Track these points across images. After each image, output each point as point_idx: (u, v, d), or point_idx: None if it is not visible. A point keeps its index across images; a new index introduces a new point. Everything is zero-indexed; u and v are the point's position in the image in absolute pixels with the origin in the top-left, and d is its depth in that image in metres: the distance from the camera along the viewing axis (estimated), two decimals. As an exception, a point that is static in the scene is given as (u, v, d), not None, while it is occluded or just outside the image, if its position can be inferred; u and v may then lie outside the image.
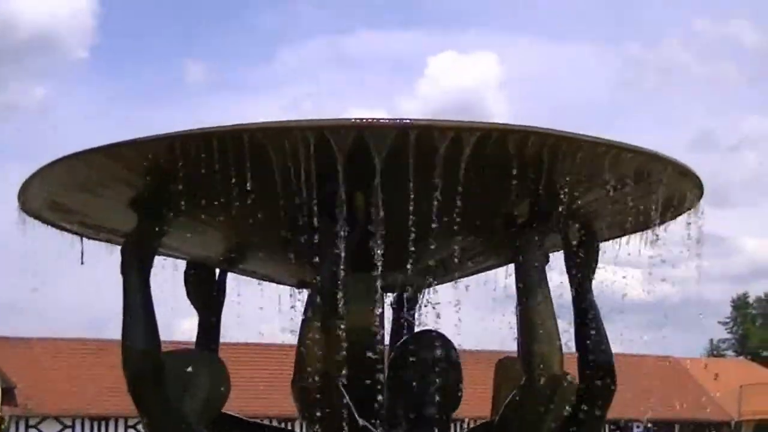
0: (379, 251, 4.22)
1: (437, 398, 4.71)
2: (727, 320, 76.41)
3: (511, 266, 4.84)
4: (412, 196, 4.10)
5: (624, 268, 5.29)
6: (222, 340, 5.68)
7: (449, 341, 4.85)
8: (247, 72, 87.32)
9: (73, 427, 42.02)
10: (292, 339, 4.41)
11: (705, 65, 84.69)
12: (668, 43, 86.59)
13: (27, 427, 40.96)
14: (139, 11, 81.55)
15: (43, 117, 69.08)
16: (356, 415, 4.45)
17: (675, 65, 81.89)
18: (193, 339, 5.62)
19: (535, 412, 4.59)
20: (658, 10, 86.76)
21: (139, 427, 5.29)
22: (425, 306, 5.84)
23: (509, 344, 5.30)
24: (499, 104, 77.16)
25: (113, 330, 4.86)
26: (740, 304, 76.34)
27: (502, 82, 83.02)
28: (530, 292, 4.56)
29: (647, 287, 5.07)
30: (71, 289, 5.14)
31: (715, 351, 73.76)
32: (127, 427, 40.60)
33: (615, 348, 5.13)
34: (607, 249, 5.30)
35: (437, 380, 4.71)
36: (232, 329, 5.79)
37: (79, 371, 39.14)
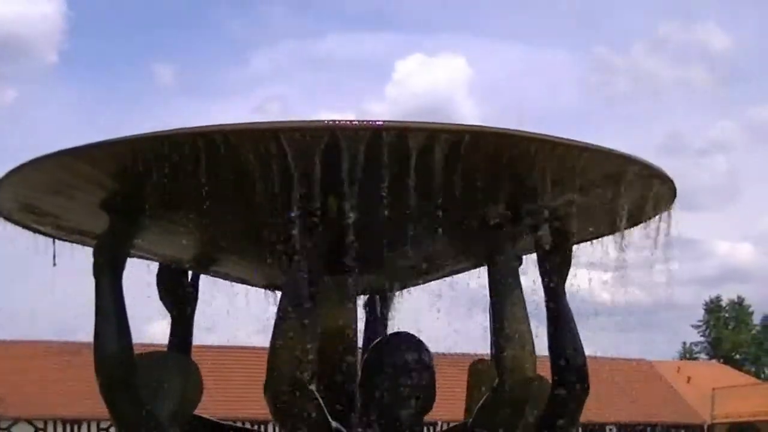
0: (352, 254, 4.21)
1: (410, 401, 4.70)
2: (700, 323, 76.77)
3: (485, 268, 4.84)
4: (385, 199, 4.10)
5: (594, 272, 5.31)
6: (195, 342, 5.66)
7: (422, 343, 4.85)
8: (217, 75, 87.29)
9: (45, 429, 41.80)
10: (265, 342, 4.40)
11: (673, 69, 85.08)
12: (637, 47, 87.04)
13: (-1, 430, 40.71)
14: (109, 15, 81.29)
15: (13, 120, 68.76)
16: (329, 418, 4.44)
17: (643, 69, 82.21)
18: (166, 341, 5.60)
19: (508, 415, 4.59)
20: (626, 14, 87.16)
21: (112, 430, 5.26)
22: (398, 308, 5.85)
23: (482, 347, 5.32)
24: (468, 107, 77.28)
25: (85, 333, 4.83)
26: (713, 307, 76.72)
27: (471, 86, 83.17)
28: (503, 295, 4.56)
29: (618, 290, 5.08)
30: (42, 291, 5.10)
31: (687, 354, 74.12)
32: (99, 429, 40.42)
33: (587, 351, 5.13)
34: (579, 252, 5.31)
35: (410, 383, 4.70)
36: (206, 332, 5.78)
37: (51, 374, 38.92)
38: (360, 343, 5.51)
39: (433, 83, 78.95)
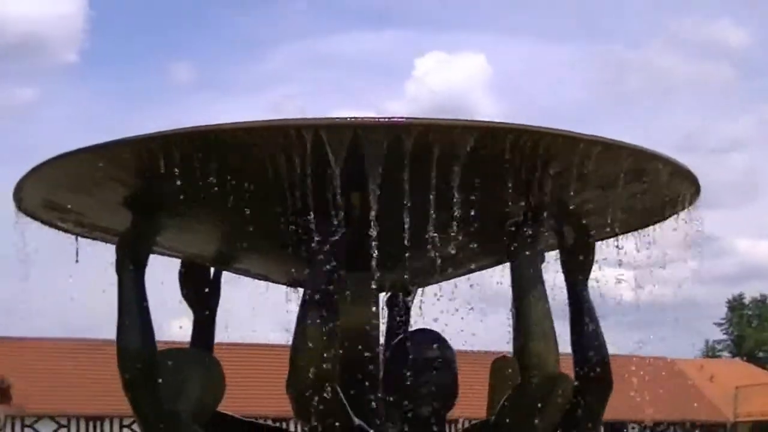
0: (374, 251, 4.21)
1: (432, 397, 4.70)
2: (723, 321, 76.46)
3: (507, 265, 4.83)
4: (407, 196, 4.09)
5: (617, 269, 5.29)
6: (217, 339, 5.67)
7: (444, 340, 4.84)
8: (234, 73, 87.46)
9: (68, 426, 41.99)
10: (288, 338, 4.40)
11: (689, 65, 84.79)
12: (654, 44, 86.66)
13: (23, 426, 40.92)
14: (127, 14, 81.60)
15: (33, 118, 69.16)
16: (351, 415, 4.44)
17: (661, 66, 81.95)
18: (188, 338, 5.61)
19: (531, 412, 4.57)
20: (643, 11, 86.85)
21: (135, 426, 5.28)
22: (421, 306, 5.84)
23: (505, 344, 5.31)
24: (488, 104, 77.20)
25: (109, 329, 4.85)
26: (736, 305, 76.39)
27: (490, 82, 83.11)
28: (526, 291, 4.55)
29: (640, 288, 5.06)
30: (66, 288, 5.11)
31: (710, 352, 73.81)
32: (122, 426, 40.56)
33: (610, 349, 5.11)
34: (602, 249, 5.29)
35: (432, 380, 4.70)
36: (228, 329, 5.78)
37: (74, 371, 39.12)
38: (382, 340, 5.51)
39: (452, 80, 78.91)
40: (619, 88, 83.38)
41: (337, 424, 4.38)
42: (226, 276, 5.70)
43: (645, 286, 5.06)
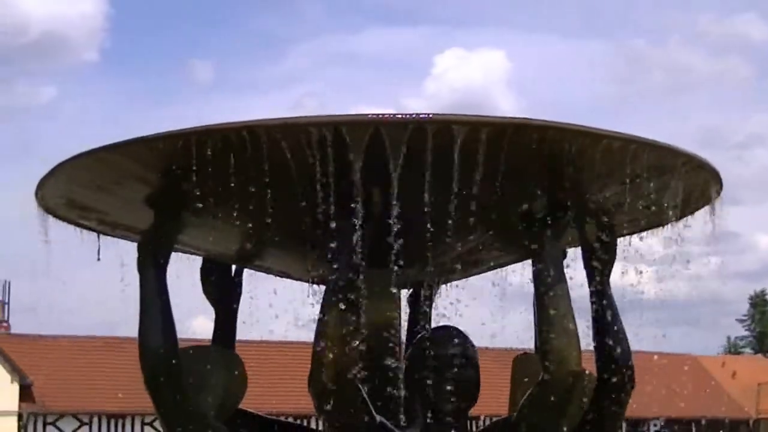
0: (396, 247, 4.20)
1: (454, 394, 4.69)
2: (745, 318, 76.17)
3: (529, 262, 4.82)
4: (428, 192, 4.08)
5: (640, 266, 5.26)
6: (240, 337, 5.67)
7: (466, 337, 4.83)
8: (254, 71, 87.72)
9: (90, 424, 42.14)
10: (310, 336, 4.39)
11: (712, 61, 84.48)
12: (675, 40, 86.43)
13: (45, 424, 41.08)
14: (148, 13, 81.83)
15: (54, 117, 69.49)
16: (373, 412, 4.43)
17: (682, 62, 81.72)
18: (209, 336, 5.61)
19: (553, 408, 4.56)
20: (664, 6, 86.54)
21: (156, 424, 5.29)
22: (443, 302, 5.82)
23: (527, 341, 5.30)
24: (508, 101, 77.12)
25: (131, 327, 4.85)
26: (758, 301, 76.08)
27: (510, 79, 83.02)
28: (548, 288, 4.54)
29: (663, 284, 5.04)
30: (88, 286, 5.13)
31: (732, 348, 73.59)
32: (144, 424, 40.68)
33: (632, 346, 5.09)
34: (624, 246, 5.27)
35: (454, 376, 4.69)
36: (250, 327, 5.78)
37: (96, 368, 39.28)
38: (404, 337, 5.50)
39: (471, 77, 78.86)
40: (640, 84, 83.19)
41: (358, 420, 4.38)
42: (250, 274, 5.70)
43: (667, 283, 5.04)
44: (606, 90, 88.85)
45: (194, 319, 5.80)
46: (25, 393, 39.87)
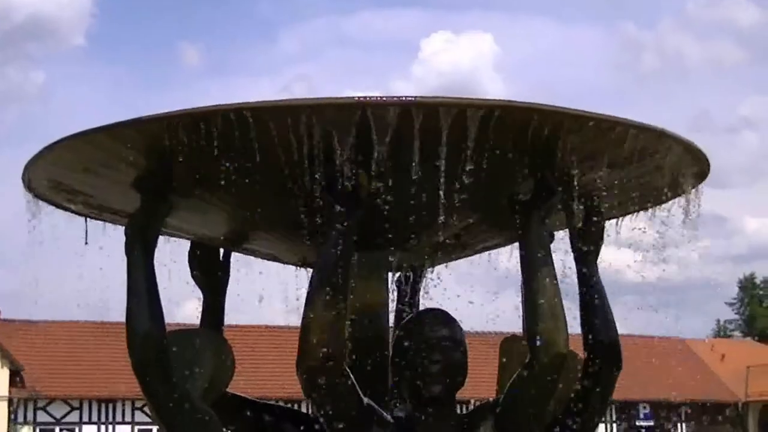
0: (383, 230, 4.21)
1: (441, 377, 4.69)
2: (734, 301, 76.43)
3: (516, 245, 4.82)
4: (415, 175, 4.09)
5: (627, 250, 5.28)
6: (228, 322, 5.66)
7: (453, 319, 4.82)
8: (244, 55, 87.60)
9: (80, 409, 42.18)
10: (299, 320, 4.39)
11: (702, 46, 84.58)
12: (664, 24, 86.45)
13: (35, 409, 41.11)
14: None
15: (43, 101, 69.37)
16: (361, 395, 4.44)
17: (671, 46, 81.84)
18: (197, 322, 5.61)
19: (540, 390, 4.57)
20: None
21: (147, 409, 5.27)
22: (431, 285, 5.83)
23: (516, 325, 5.30)
24: (495, 85, 77.13)
25: (120, 313, 4.84)
26: (747, 284, 76.33)
27: (498, 63, 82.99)
28: (535, 270, 4.54)
29: (651, 268, 5.05)
30: (76, 271, 5.11)
31: (721, 332, 73.85)
32: (134, 408, 40.75)
33: (621, 330, 5.10)
34: (611, 229, 5.29)
35: (441, 359, 4.68)
36: (238, 312, 5.79)
37: (86, 354, 39.30)
38: (391, 320, 5.51)
39: (459, 61, 78.80)
40: (630, 69, 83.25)
41: (346, 403, 4.39)
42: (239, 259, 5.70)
43: (656, 266, 5.05)
44: (595, 73, 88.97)
45: (184, 305, 5.80)
46: (16, 378, 39.85)
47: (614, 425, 50.15)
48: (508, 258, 5.47)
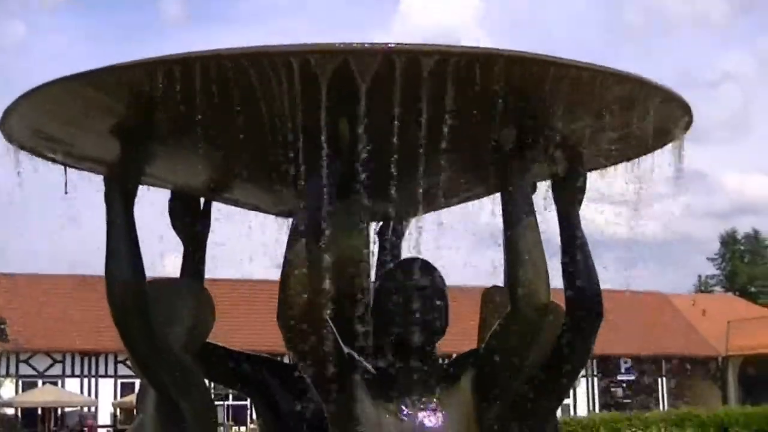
0: (364, 179, 4.18)
1: (422, 326, 4.67)
2: (716, 257, 76.79)
3: (498, 196, 4.80)
4: (396, 123, 4.06)
5: (609, 204, 5.26)
6: (210, 276, 5.64)
7: (434, 268, 4.79)
8: (225, 6, 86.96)
9: (63, 361, 42.24)
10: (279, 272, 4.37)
11: (684, 2, 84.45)
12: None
13: (18, 362, 41.16)
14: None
15: (22, 53, 68.86)
16: (342, 345, 4.43)
17: (655, 3, 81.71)
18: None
19: (521, 340, 4.57)
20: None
21: (129, 362, 5.26)
22: (411, 236, 5.81)
23: (500, 279, 5.29)
24: (479, 41, 76.83)
25: (103, 266, 4.80)
26: (728, 240, 76.69)
27: (481, 18, 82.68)
28: (516, 221, 4.52)
29: (632, 223, 5.04)
30: (56, 222, 5.06)
31: (703, 287, 74.29)
32: (117, 362, 40.80)
33: (603, 285, 5.09)
34: (592, 182, 5.26)
35: (421, 307, 4.67)
36: (223, 267, 5.76)
37: (69, 307, 39.29)
38: (372, 271, 5.49)
39: (442, 17, 78.45)
40: (615, 23, 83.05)
41: (327, 354, 4.37)
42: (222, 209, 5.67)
43: (637, 221, 5.04)
44: (579, 30, 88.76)
45: (164, 259, 5.76)
46: (-2, 331, 39.81)
47: (595, 379, 50.49)
48: (491, 211, 5.45)
